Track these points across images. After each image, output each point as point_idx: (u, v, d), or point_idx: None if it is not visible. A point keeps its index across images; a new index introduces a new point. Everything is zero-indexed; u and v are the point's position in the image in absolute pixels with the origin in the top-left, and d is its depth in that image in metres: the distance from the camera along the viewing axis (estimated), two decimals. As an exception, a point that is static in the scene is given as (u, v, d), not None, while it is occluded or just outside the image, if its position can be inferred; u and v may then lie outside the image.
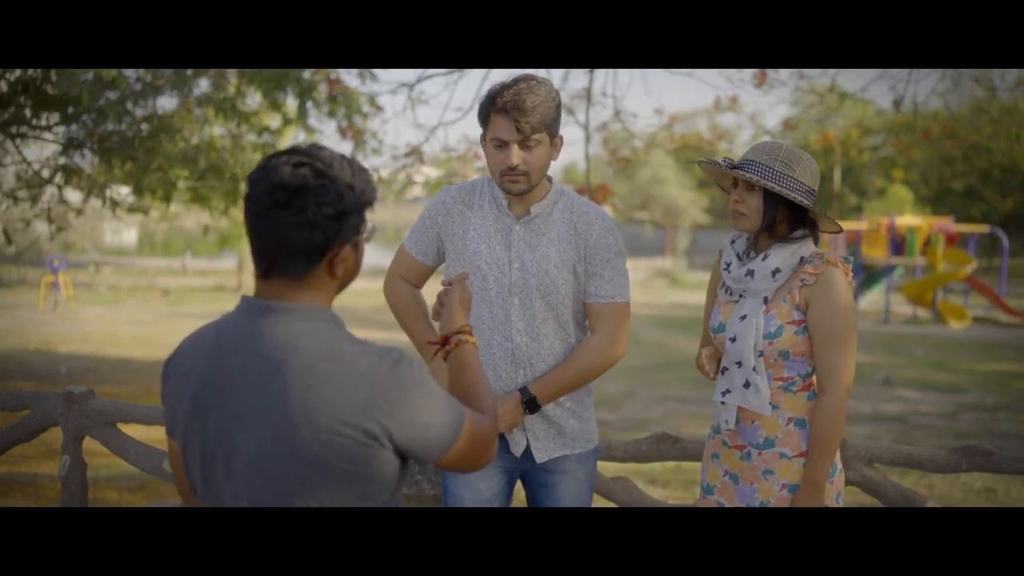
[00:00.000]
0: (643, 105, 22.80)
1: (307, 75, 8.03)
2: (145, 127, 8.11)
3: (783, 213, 2.50)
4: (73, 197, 10.19)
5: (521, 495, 2.83)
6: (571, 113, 9.64)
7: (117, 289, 21.77)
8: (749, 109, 47.79)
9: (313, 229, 1.57)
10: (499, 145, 2.48)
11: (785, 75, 8.19)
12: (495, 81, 2.53)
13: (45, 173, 8.96)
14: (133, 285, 22.53)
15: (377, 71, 9.20)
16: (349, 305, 11.80)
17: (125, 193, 9.39)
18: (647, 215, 41.14)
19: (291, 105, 8.73)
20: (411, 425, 1.57)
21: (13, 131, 8.31)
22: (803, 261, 2.51)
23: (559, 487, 2.63)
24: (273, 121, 9.49)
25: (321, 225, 1.57)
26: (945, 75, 10.58)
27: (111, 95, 7.83)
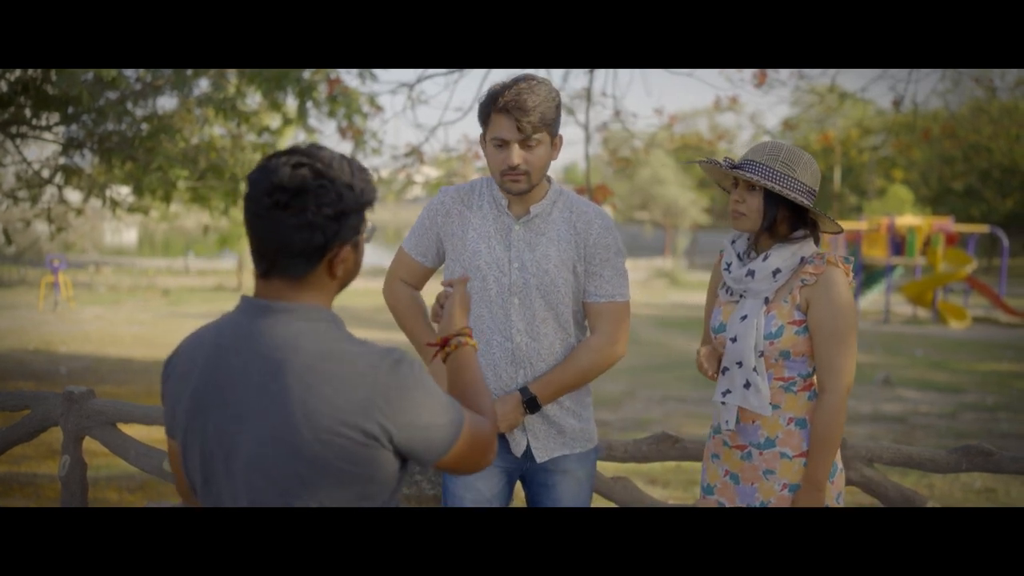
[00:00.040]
0: (643, 105, 22.82)
1: (307, 75, 8.03)
2: (145, 127, 8.11)
3: (783, 213, 2.50)
4: (73, 197, 10.19)
5: (520, 495, 2.83)
6: (571, 113, 9.63)
7: (117, 289, 21.76)
8: (749, 109, 47.80)
9: (313, 230, 1.57)
10: (500, 145, 2.48)
11: (785, 75, 8.20)
12: (495, 81, 2.53)
13: (45, 173, 8.96)
14: (133, 285, 22.52)
15: (377, 71, 9.22)
16: (349, 305, 11.80)
17: (125, 193, 9.38)
18: (647, 215, 41.14)
19: (291, 105, 8.73)
20: (411, 425, 1.57)
21: (13, 131, 8.31)
22: (804, 261, 2.51)
23: (559, 487, 2.63)
24: (273, 121, 9.49)
25: (321, 226, 1.57)
26: (945, 75, 10.58)
27: (111, 95, 7.83)
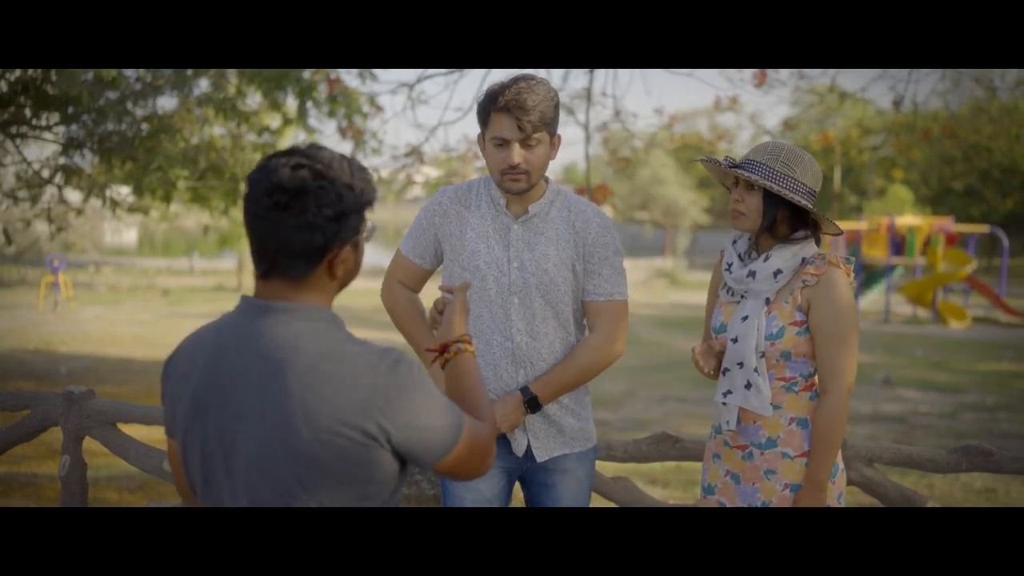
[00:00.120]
0: (643, 105, 22.80)
1: (307, 75, 8.03)
2: (145, 127, 8.11)
3: (783, 214, 2.50)
4: (73, 197, 10.19)
5: (519, 496, 2.83)
6: (571, 113, 9.63)
7: (117, 289, 21.76)
8: (749, 109, 47.82)
9: (313, 231, 1.57)
10: (500, 144, 2.48)
11: (785, 75, 8.19)
12: (495, 81, 2.53)
13: (45, 173, 8.96)
14: (133, 285, 22.52)
15: (377, 71, 9.22)
16: (349, 305, 11.81)
17: (125, 193, 9.38)
18: (647, 215, 41.13)
19: (291, 105, 8.74)
20: (410, 426, 1.56)
21: (13, 131, 8.31)
22: (805, 262, 2.51)
23: (559, 486, 2.63)
24: (273, 121, 9.49)
25: (321, 226, 1.57)
26: (945, 75, 10.58)
27: (111, 95, 7.83)
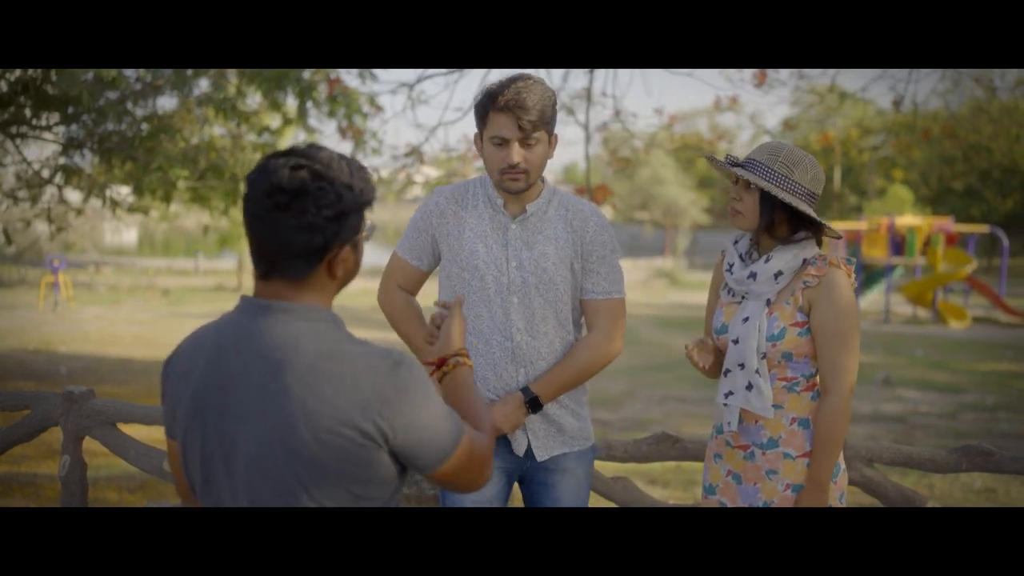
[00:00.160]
0: (643, 105, 22.75)
1: (307, 75, 8.02)
2: (145, 127, 8.11)
3: (781, 215, 2.49)
4: (73, 197, 10.19)
5: (518, 496, 2.83)
6: (571, 113, 9.63)
7: (117, 289, 21.76)
8: (749, 109, 47.89)
9: (313, 231, 1.56)
10: (499, 143, 2.48)
11: (785, 75, 8.18)
12: (492, 81, 2.53)
13: (45, 173, 8.95)
14: (133, 285, 22.52)
15: (377, 71, 9.21)
16: (349, 305, 11.81)
17: (125, 193, 9.38)
18: (647, 215, 41.12)
19: (291, 105, 8.73)
20: (409, 427, 1.56)
21: (13, 131, 8.31)
22: (806, 263, 2.51)
23: (559, 486, 2.63)
24: (273, 121, 9.49)
25: (321, 227, 1.57)
26: (945, 75, 10.58)
27: (111, 95, 7.83)
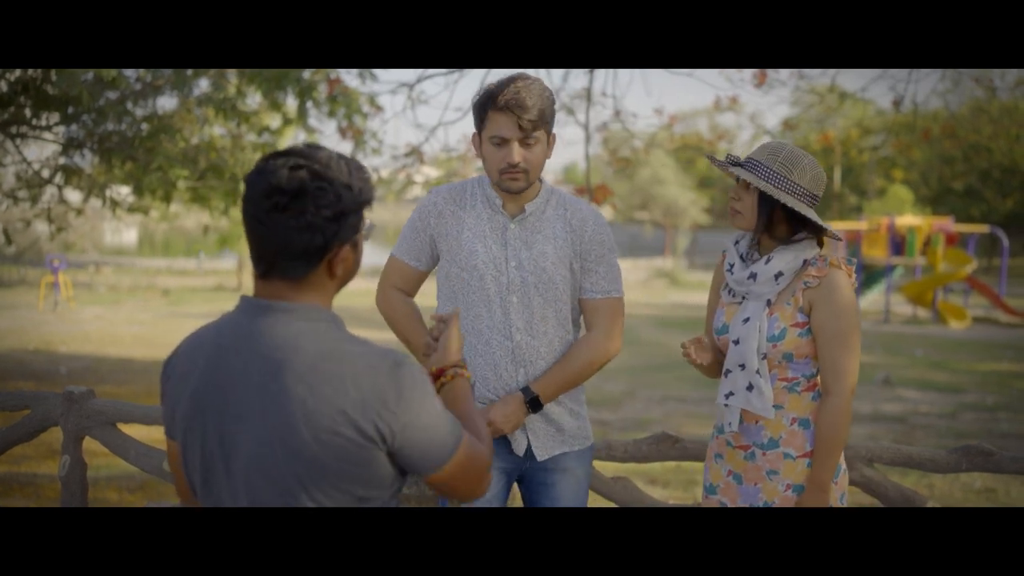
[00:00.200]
0: (643, 105, 22.73)
1: (307, 75, 8.02)
2: (145, 127, 8.11)
3: (780, 215, 2.48)
4: (73, 197, 10.18)
5: (517, 498, 2.83)
6: (571, 113, 9.63)
7: (117, 289, 21.75)
8: (749, 109, 47.87)
9: (313, 231, 1.57)
10: (499, 143, 2.48)
11: (785, 75, 8.18)
12: (489, 82, 2.53)
13: (45, 173, 8.95)
14: (133, 285, 22.52)
15: (377, 71, 9.21)
16: (349, 305, 11.79)
17: (125, 193, 9.38)
18: (647, 215, 41.12)
19: (291, 105, 8.73)
20: (409, 428, 1.56)
21: (13, 131, 8.31)
22: (806, 263, 2.50)
23: (559, 486, 2.64)
24: (273, 121, 9.48)
25: (320, 227, 1.57)
26: (945, 75, 10.58)
27: (111, 95, 7.83)
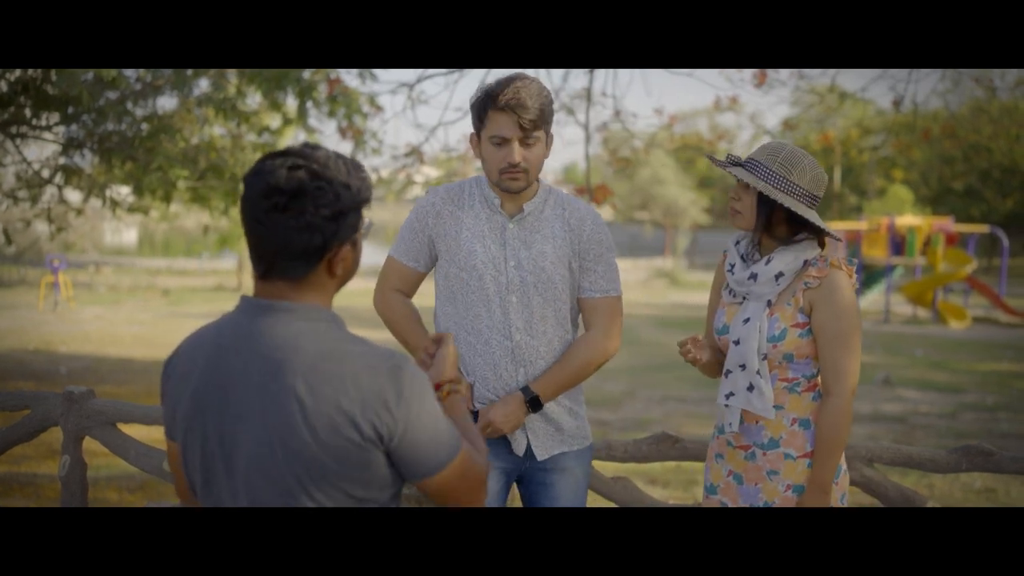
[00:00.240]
0: (643, 105, 22.70)
1: (307, 75, 8.02)
2: (145, 127, 8.10)
3: (779, 215, 2.47)
4: (73, 197, 10.18)
5: (517, 498, 2.82)
6: (571, 113, 9.62)
7: (117, 289, 21.75)
8: (749, 109, 47.86)
9: (312, 231, 1.57)
10: (499, 143, 2.49)
11: (785, 75, 8.18)
12: (486, 82, 2.53)
13: (45, 173, 8.95)
14: (133, 285, 22.52)
15: (377, 71, 9.20)
16: (349, 305, 11.78)
17: (125, 193, 9.37)
18: (647, 215, 41.12)
19: (291, 105, 8.73)
20: (408, 428, 1.56)
21: (13, 131, 8.30)
22: (807, 264, 2.50)
23: (558, 485, 2.64)
24: (273, 121, 9.48)
25: (319, 227, 1.57)
26: (945, 75, 10.57)
27: (111, 95, 7.82)
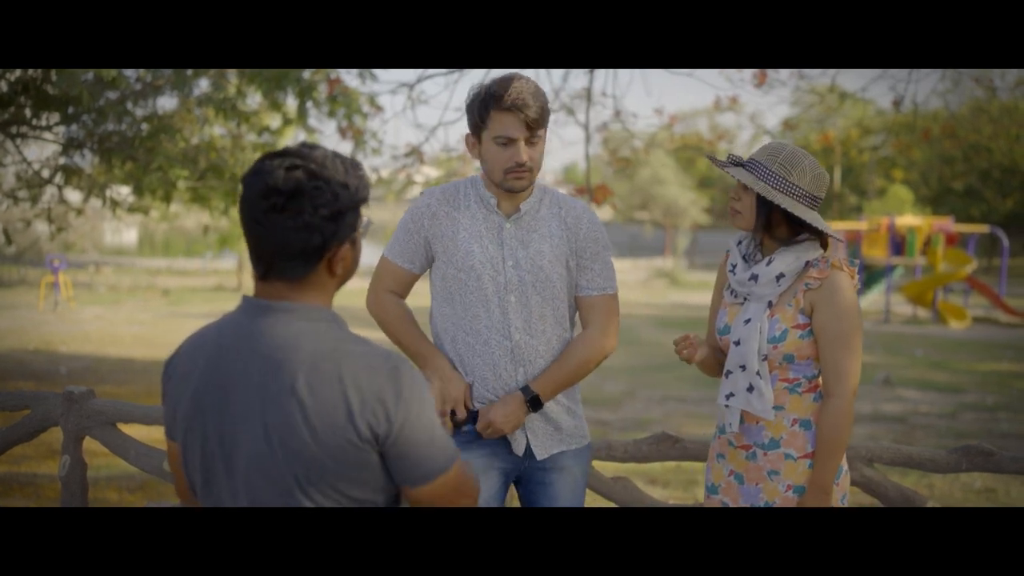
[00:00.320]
0: (643, 105, 22.66)
1: (307, 75, 8.02)
2: (145, 127, 8.10)
3: (779, 215, 2.47)
4: (73, 197, 10.18)
5: (515, 500, 2.82)
6: (571, 113, 9.61)
7: (117, 289, 21.75)
8: (749, 109, 47.80)
9: (311, 231, 1.57)
10: (505, 143, 2.49)
11: (785, 75, 8.17)
12: (480, 82, 2.54)
13: (45, 173, 8.95)
14: (133, 285, 22.52)
15: (377, 71, 9.20)
16: (349, 305, 11.80)
17: (125, 193, 9.37)
18: (647, 215, 41.12)
19: (291, 105, 8.73)
20: (405, 429, 1.56)
21: (13, 131, 8.30)
22: (808, 265, 2.50)
23: (557, 484, 2.64)
24: (273, 121, 9.48)
25: (318, 227, 1.57)
26: (945, 75, 10.56)
27: (111, 95, 7.82)
